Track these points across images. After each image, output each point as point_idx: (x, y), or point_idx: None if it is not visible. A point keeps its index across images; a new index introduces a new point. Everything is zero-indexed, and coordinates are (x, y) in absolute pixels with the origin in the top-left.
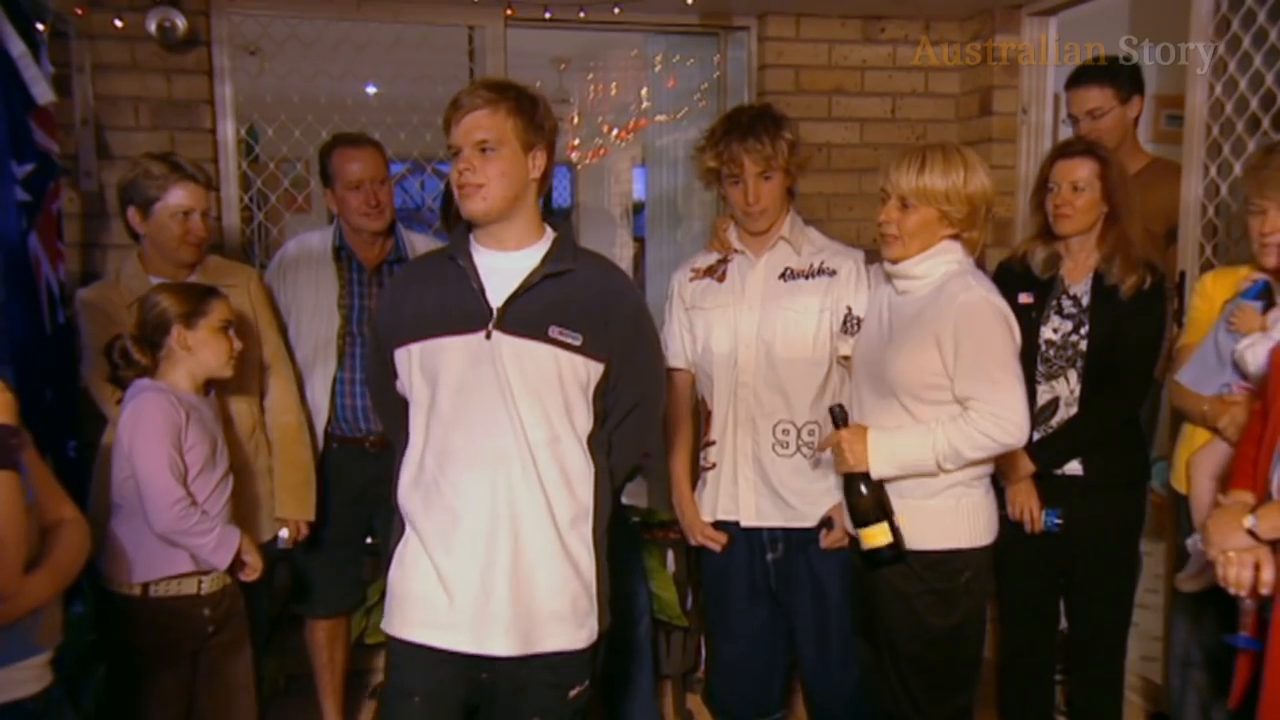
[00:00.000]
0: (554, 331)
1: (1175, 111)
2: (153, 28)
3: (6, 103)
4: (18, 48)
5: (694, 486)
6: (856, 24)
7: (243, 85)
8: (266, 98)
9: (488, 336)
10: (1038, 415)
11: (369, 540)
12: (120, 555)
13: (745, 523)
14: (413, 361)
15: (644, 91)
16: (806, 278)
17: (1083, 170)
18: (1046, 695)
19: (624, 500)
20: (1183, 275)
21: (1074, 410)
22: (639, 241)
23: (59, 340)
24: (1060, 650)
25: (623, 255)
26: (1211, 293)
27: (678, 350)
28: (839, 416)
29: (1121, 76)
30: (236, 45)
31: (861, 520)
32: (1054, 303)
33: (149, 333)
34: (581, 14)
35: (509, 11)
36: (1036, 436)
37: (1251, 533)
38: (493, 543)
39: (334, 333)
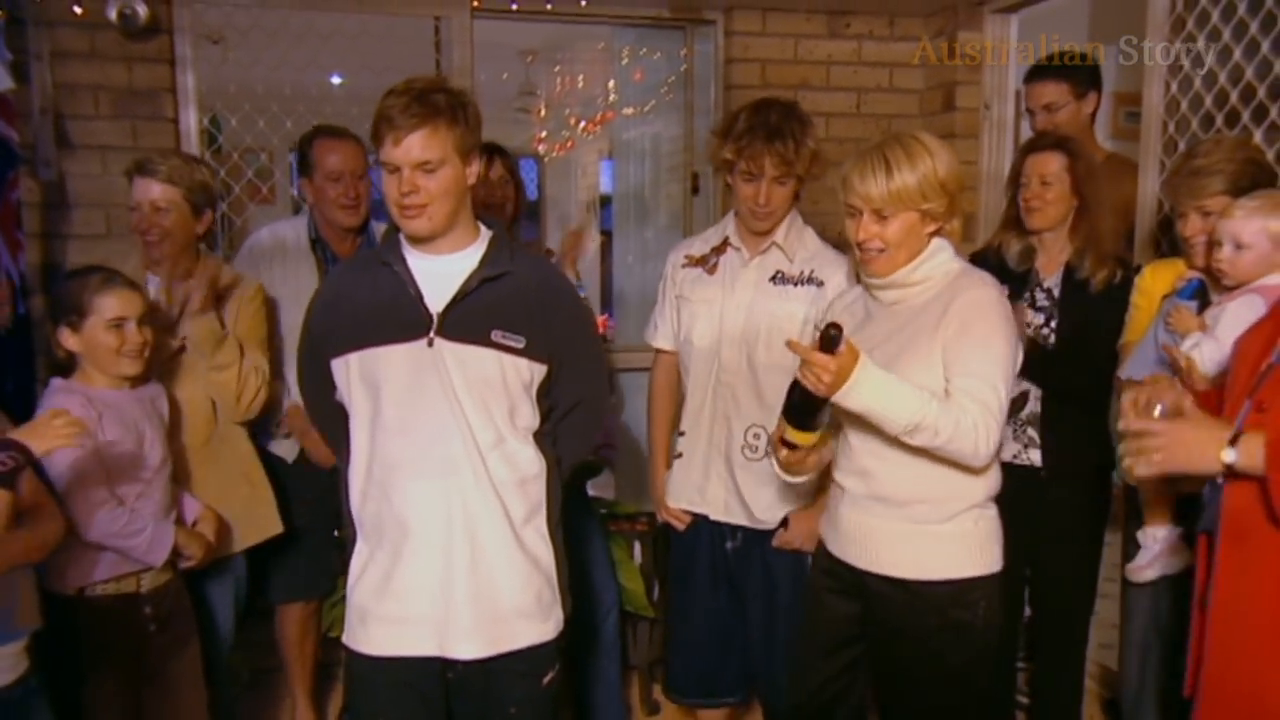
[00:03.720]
0: (496, 335)
1: (1134, 109)
2: (113, 15)
3: None
4: None
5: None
6: (822, 19)
7: (205, 74)
8: (230, 87)
9: (430, 344)
10: (1012, 406)
11: (335, 533)
12: (56, 557)
13: (713, 517)
14: (351, 372)
15: (611, 84)
16: (796, 284)
17: (1052, 164)
18: (1008, 681)
19: (591, 493)
20: (1138, 269)
21: (1039, 403)
22: (606, 235)
23: (19, 332)
24: (1023, 637)
25: (589, 248)
26: (1150, 288)
27: (666, 332)
28: (834, 339)
29: (1078, 73)
30: (199, 34)
31: (800, 424)
32: (1028, 295)
33: (53, 325)
34: (548, 5)
35: (475, 3)
36: (1009, 430)
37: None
38: (449, 549)
39: None
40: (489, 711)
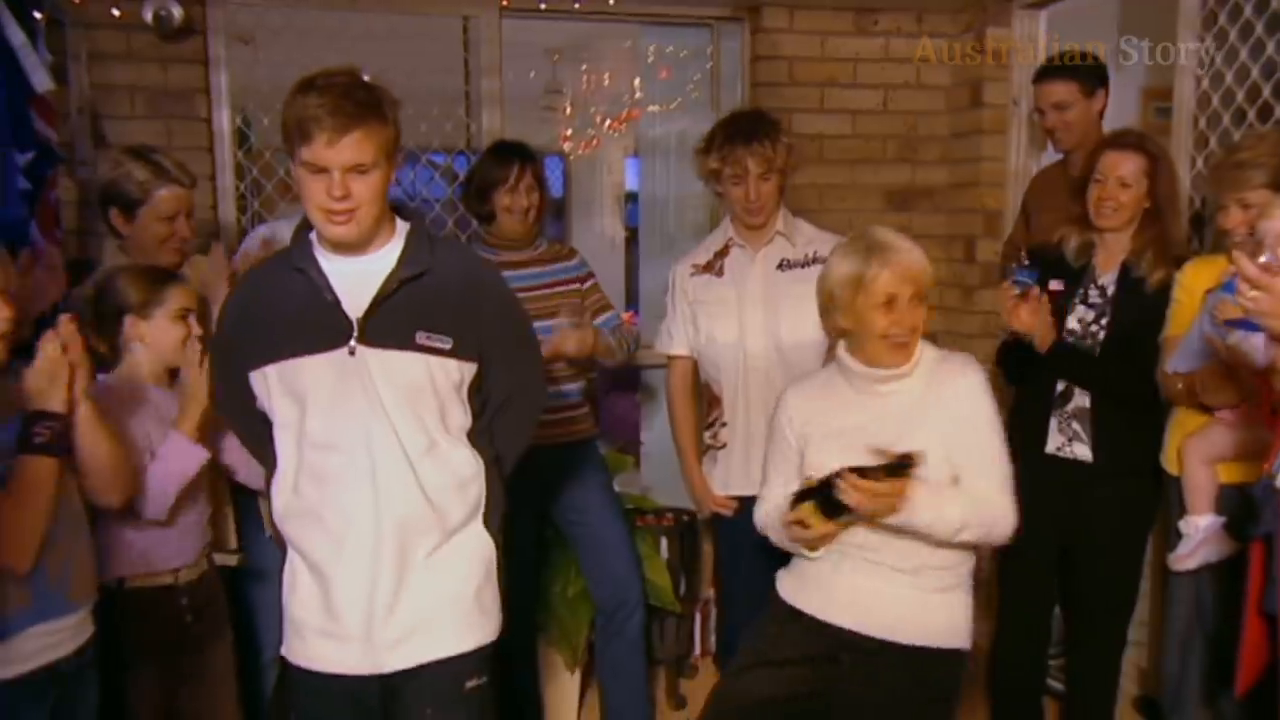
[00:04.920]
0: (421, 338)
1: (1164, 103)
2: (149, 17)
3: (8, 92)
4: (18, 37)
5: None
6: (849, 16)
7: (238, 74)
8: (262, 87)
9: (351, 352)
10: (1055, 400)
11: None
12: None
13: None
14: (271, 384)
15: (637, 82)
16: (803, 266)
17: (1131, 164)
18: (1038, 679)
19: (617, 489)
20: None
21: (1087, 397)
22: (631, 231)
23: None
24: (1054, 635)
25: (615, 246)
26: (1191, 284)
27: (680, 338)
28: (906, 467)
29: (1086, 71)
30: (232, 34)
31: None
32: (1082, 291)
33: (104, 320)
34: (576, 5)
35: (504, 2)
36: (1054, 423)
37: None
38: (377, 561)
39: None
40: (410, 714)
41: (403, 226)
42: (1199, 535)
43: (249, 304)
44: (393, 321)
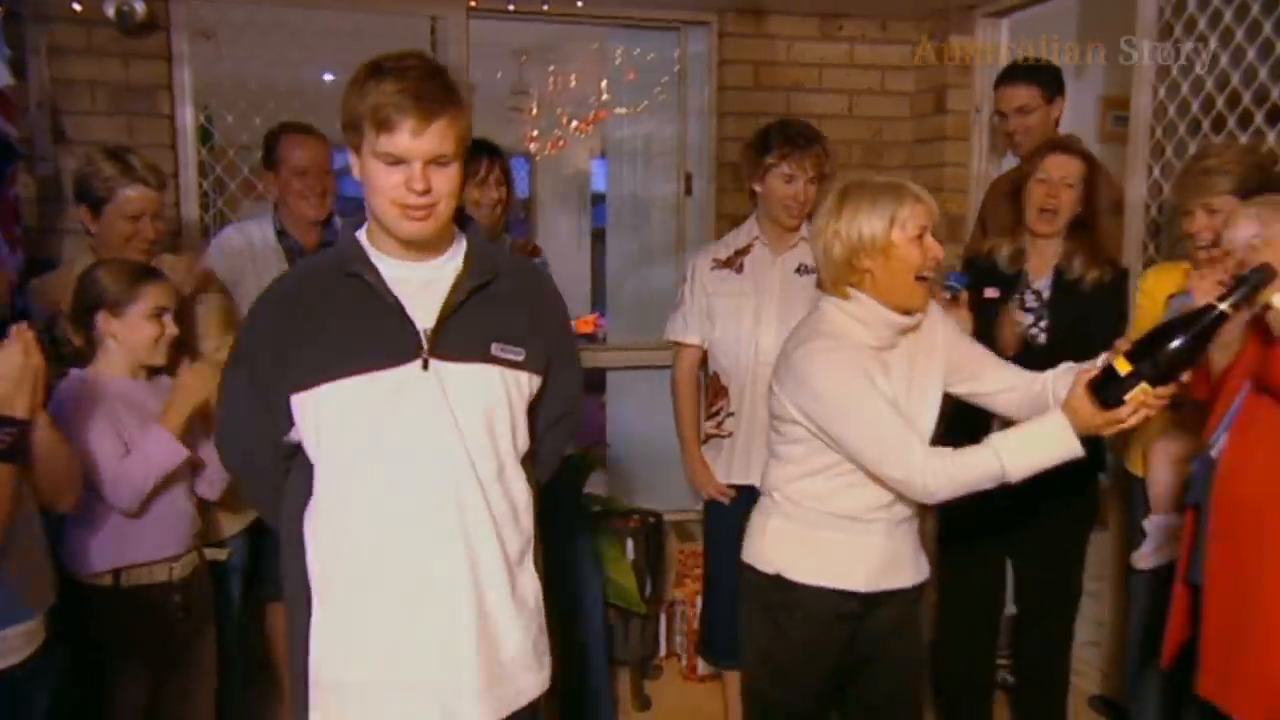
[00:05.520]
0: (496, 349)
1: (1121, 112)
2: (110, 12)
3: None
4: None
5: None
6: (814, 22)
7: (201, 71)
8: (225, 83)
9: (425, 366)
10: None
11: None
12: (86, 540)
13: (759, 485)
14: (322, 407)
15: (604, 84)
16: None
17: (1073, 167)
18: (986, 675)
19: (585, 490)
20: (1126, 272)
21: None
22: (597, 233)
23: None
24: (1004, 631)
25: (581, 247)
26: (1153, 289)
27: (694, 328)
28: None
29: (1047, 77)
30: (194, 30)
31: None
32: (1018, 297)
33: (80, 313)
34: (544, 6)
35: (472, 3)
36: (995, 424)
37: None
38: (454, 604)
39: None
40: None
41: (459, 232)
42: (1162, 534)
43: (287, 316)
44: (465, 332)
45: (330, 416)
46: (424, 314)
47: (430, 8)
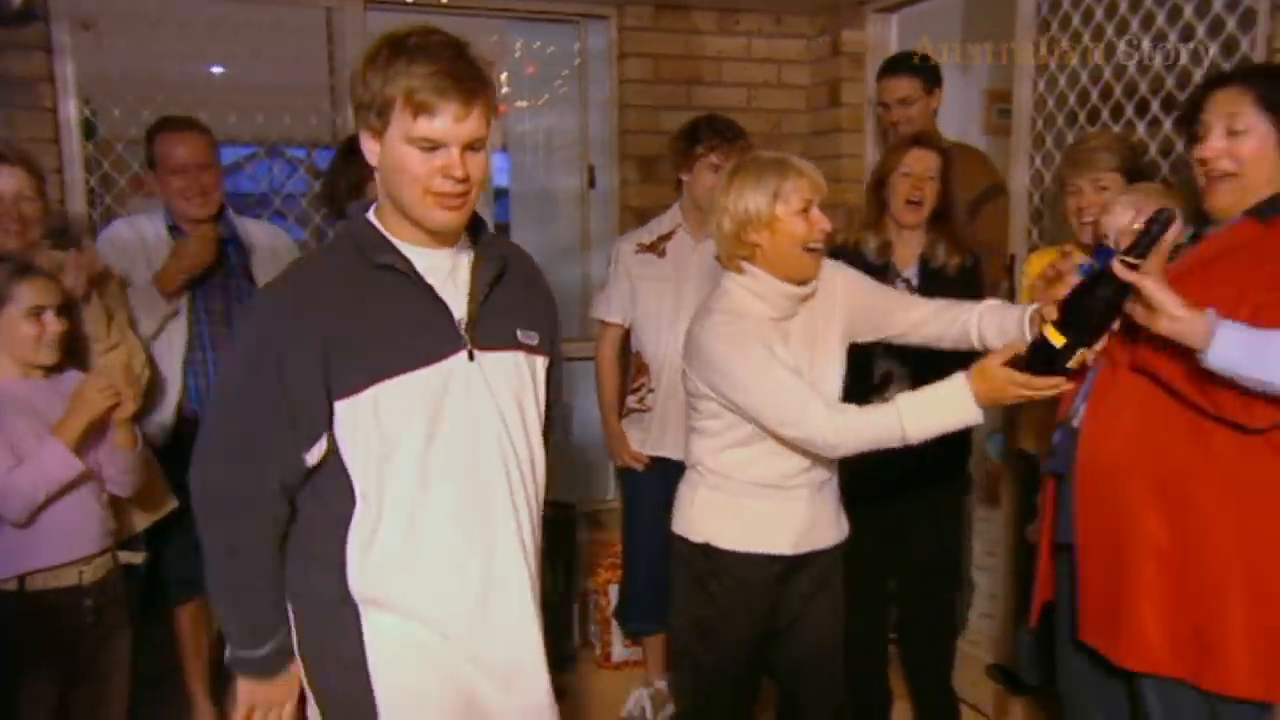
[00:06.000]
0: (520, 335)
1: (1005, 105)
2: None
3: None
4: None
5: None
6: (712, 16)
7: (84, 63)
8: (111, 76)
9: (471, 357)
10: (876, 387)
11: None
12: None
13: (674, 457)
14: (377, 410)
15: (504, 77)
16: None
17: (934, 161)
18: (881, 654)
19: None
20: (1013, 258)
21: (907, 384)
22: (501, 227)
23: None
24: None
25: None
26: (1037, 271)
27: (618, 308)
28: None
29: (926, 69)
30: (74, 20)
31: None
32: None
33: None
34: (444, 0)
35: None
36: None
37: None
38: (522, 601)
39: (182, 313)
40: None
41: None
42: None
43: (322, 316)
44: (495, 319)
45: (386, 418)
46: (456, 303)
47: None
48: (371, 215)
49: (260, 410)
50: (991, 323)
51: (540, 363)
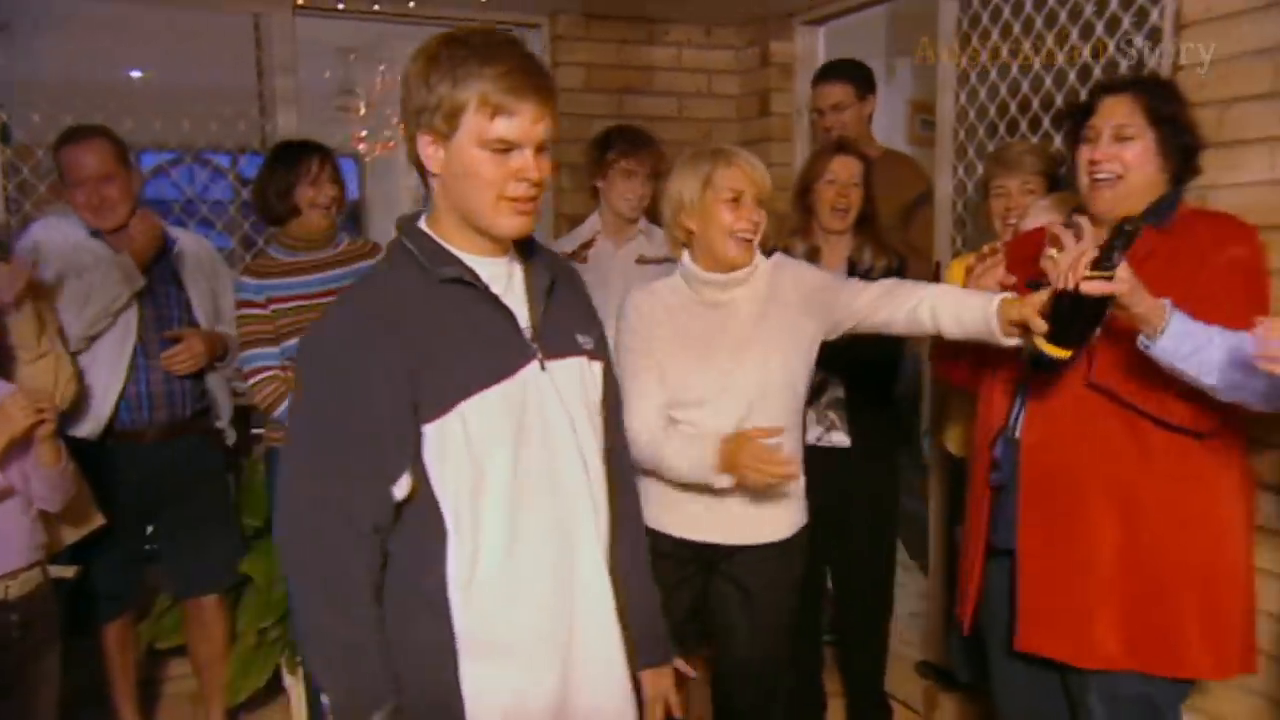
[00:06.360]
0: (580, 339)
1: (928, 116)
2: None
3: None
4: None
5: None
6: (643, 26)
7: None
8: (28, 80)
9: (542, 366)
10: (813, 394)
11: (147, 546)
12: None
13: None
14: (460, 431)
15: None
16: (658, 264)
17: (856, 167)
18: (816, 654)
19: None
20: (938, 264)
21: (841, 389)
22: None
23: None
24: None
25: None
26: (957, 278)
27: None
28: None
29: (859, 76)
30: None
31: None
32: None
33: None
34: (375, 6)
35: (300, 2)
36: (811, 415)
37: None
38: (611, 632)
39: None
40: None
41: None
42: None
43: (402, 336)
44: (556, 325)
45: (478, 436)
46: (520, 313)
47: (253, 4)
48: (425, 225)
49: (349, 444)
50: (947, 310)
51: (598, 366)
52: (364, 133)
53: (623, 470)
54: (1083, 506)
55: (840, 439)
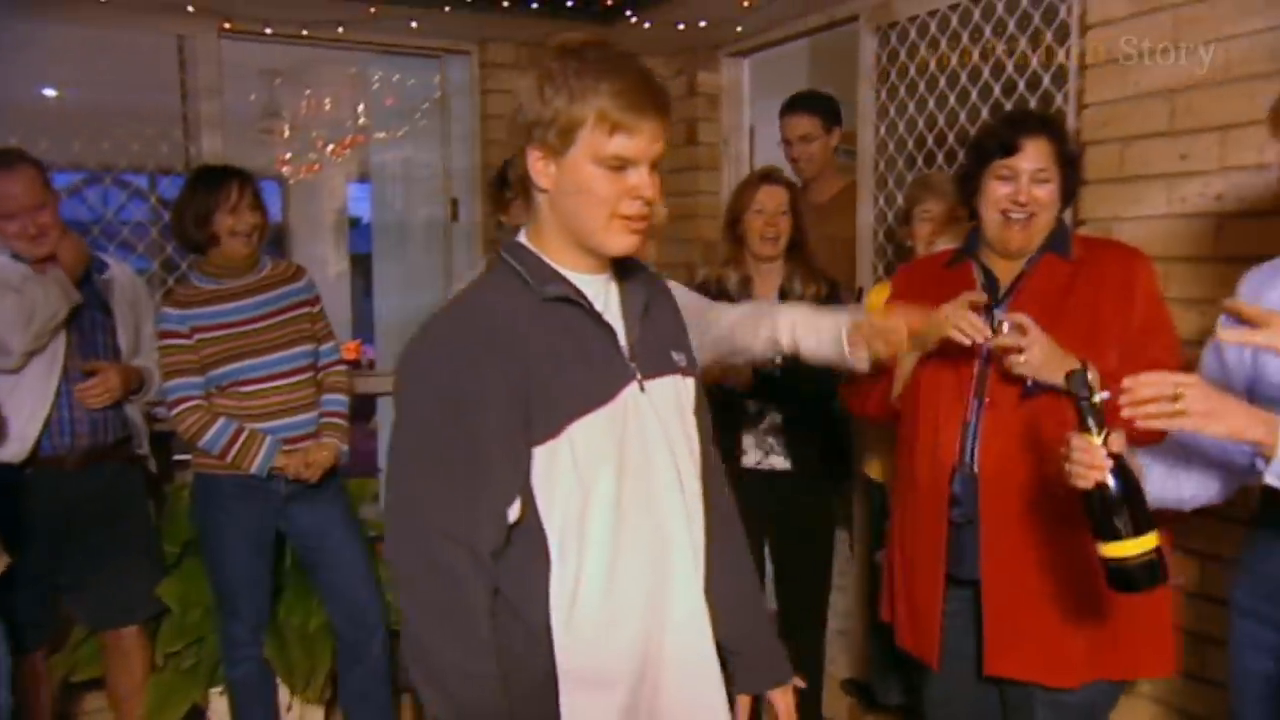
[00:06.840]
0: (675, 357)
1: (849, 147)
2: None
3: None
4: None
5: None
6: None
7: None
8: None
9: (642, 387)
10: (751, 419)
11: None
12: None
13: None
14: (569, 453)
15: (361, 108)
16: None
17: (783, 196)
18: None
19: (361, 515)
20: (860, 290)
21: (780, 415)
22: (355, 258)
23: None
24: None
25: (337, 271)
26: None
27: None
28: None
29: (826, 108)
30: None
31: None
32: None
33: None
34: (303, 31)
35: (226, 25)
36: (750, 440)
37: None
38: (707, 666)
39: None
40: None
41: None
42: None
43: (511, 359)
44: (652, 344)
45: (585, 459)
46: (619, 330)
47: (177, 26)
48: (526, 241)
49: (468, 470)
50: (807, 332)
51: (692, 383)
52: (288, 155)
53: (718, 487)
54: (1042, 530)
55: (780, 463)
